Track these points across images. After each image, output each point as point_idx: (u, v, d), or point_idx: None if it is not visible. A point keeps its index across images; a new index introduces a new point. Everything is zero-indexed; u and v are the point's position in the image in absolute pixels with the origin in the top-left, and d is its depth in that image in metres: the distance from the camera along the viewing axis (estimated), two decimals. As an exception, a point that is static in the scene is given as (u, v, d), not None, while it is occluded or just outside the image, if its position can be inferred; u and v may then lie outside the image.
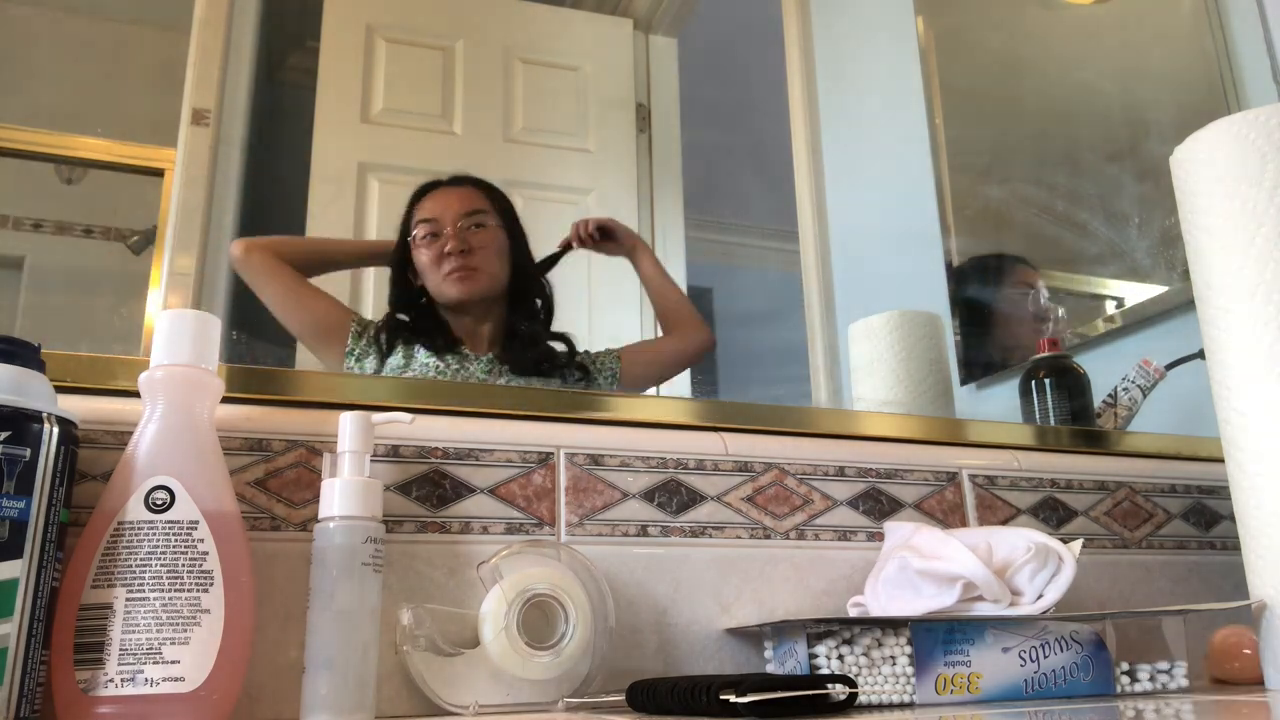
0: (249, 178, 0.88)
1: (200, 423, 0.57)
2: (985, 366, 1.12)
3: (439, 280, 0.91)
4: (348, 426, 0.63)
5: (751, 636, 0.74)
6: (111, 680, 0.51)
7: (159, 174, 0.84)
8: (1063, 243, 1.21)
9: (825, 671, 0.62)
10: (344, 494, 0.61)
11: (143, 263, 0.81)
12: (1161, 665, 0.67)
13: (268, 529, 0.65)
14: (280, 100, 0.96)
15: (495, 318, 0.92)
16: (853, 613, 0.74)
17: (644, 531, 0.74)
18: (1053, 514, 0.88)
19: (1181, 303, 1.10)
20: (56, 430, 0.52)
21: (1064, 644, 0.66)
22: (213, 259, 0.84)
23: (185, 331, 0.58)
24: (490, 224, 0.94)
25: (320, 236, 0.92)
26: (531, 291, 0.95)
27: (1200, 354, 0.79)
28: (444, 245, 0.91)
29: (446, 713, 0.62)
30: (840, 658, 0.62)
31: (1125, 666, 0.67)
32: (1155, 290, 1.21)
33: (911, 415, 0.93)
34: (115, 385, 0.65)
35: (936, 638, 0.63)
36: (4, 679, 0.48)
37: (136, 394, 0.58)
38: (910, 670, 0.62)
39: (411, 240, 0.92)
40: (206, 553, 0.54)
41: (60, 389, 0.56)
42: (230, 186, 0.87)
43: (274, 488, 0.66)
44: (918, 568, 0.68)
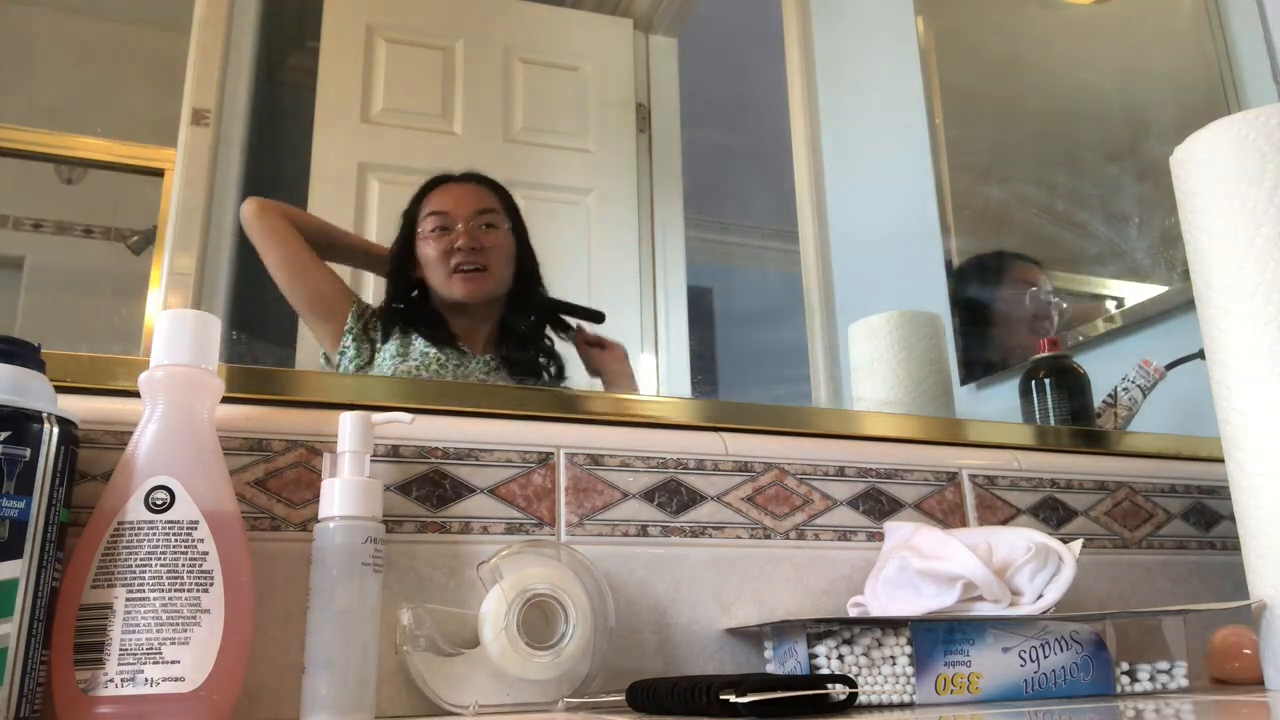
0: (249, 178, 0.88)
1: (200, 423, 0.57)
2: (986, 366, 1.11)
3: (444, 276, 0.89)
4: (348, 426, 0.63)
5: (751, 636, 0.74)
6: (111, 680, 0.51)
7: (159, 174, 0.84)
8: (1063, 243, 1.21)
9: (825, 671, 0.62)
10: (344, 494, 0.61)
11: (143, 263, 0.81)
12: (1161, 665, 0.67)
13: (268, 529, 0.65)
14: (280, 100, 0.96)
15: (494, 320, 0.91)
16: (853, 613, 0.74)
17: (644, 531, 0.74)
18: (1053, 514, 0.88)
19: (1181, 303, 1.10)
20: (56, 430, 0.52)
21: (1064, 644, 0.66)
22: (213, 259, 0.84)
23: (185, 331, 0.58)
24: (502, 226, 0.92)
25: (330, 223, 0.90)
26: (533, 298, 0.94)
27: (1200, 354, 0.79)
28: (454, 240, 0.89)
29: (446, 713, 0.62)
30: (840, 658, 0.62)
31: (1125, 666, 0.67)
32: (1155, 290, 1.21)
33: (911, 415, 0.93)
34: (115, 385, 0.65)
35: (936, 638, 0.63)
36: (4, 679, 0.48)
37: (136, 394, 0.58)
38: (910, 670, 0.62)
39: (419, 233, 0.90)
40: (206, 553, 0.54)
41: (60, 389, 0.56)
42: (230, 186, 0.87)
43: (274, 488, 0.66)
44: (918, 568, 0.68)
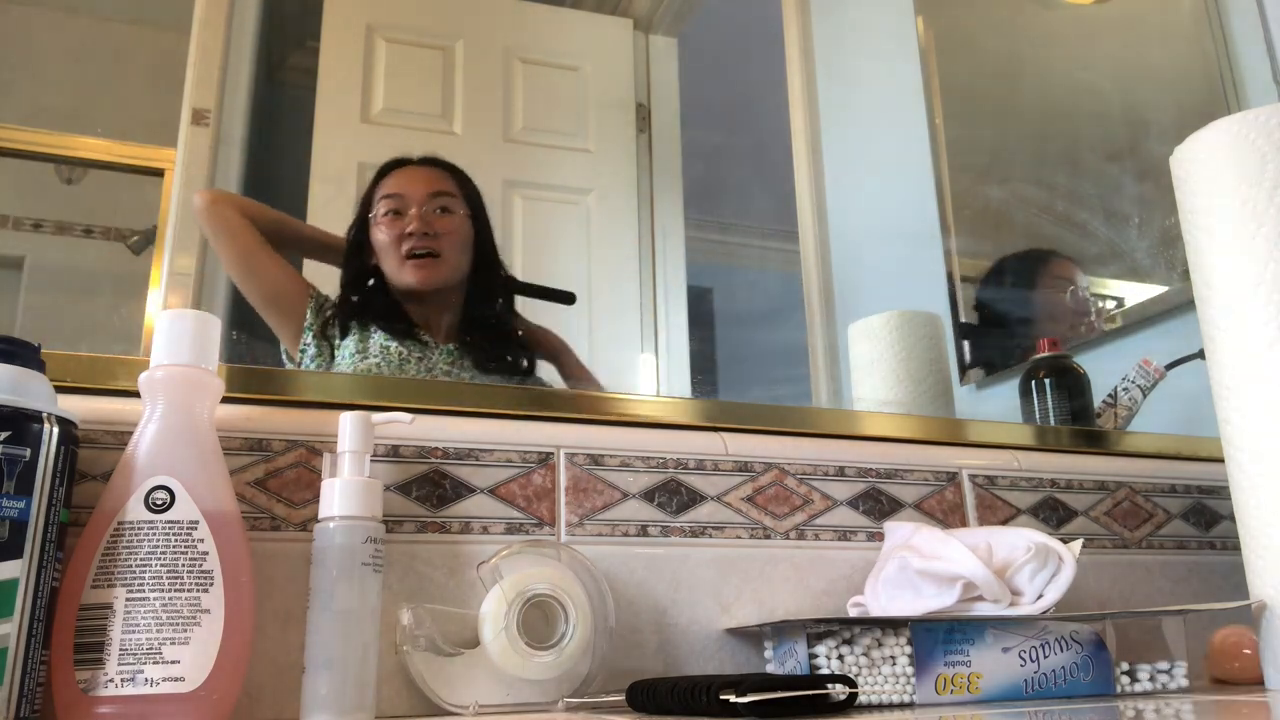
0: (249, 178, 0.88)
1: (200, 423, 0.57)
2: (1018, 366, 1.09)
3: (397, 264, 0.86)
4: (348, 426, 0.63)
5: (751, 636, 0.74)
6: (111, 680, 0.51)
7: (159, 174, 0.84)
8: (1063, 243, 1.21)
9: (825, 671, 0.62)
10: (344, 494, 0.61)
11: (143, 263, 0.81)
12: (1161, 665, 0.67)
13: (268, 529, 0.65)
14: (280, 100, 0.96)
15: (454, 309, 0.88)
16: (853, 613, 0.74)
17: (644, 531, 0.74)
18: (1053, 514, 0.88)
19: (1181, 303, 1.10)
20: (56, 430, 0.52)
21: (1064, 644, 0.66)
22: (213, 259, 0.84)
23: (185, 331, 0.58)
24: (458, 211, 0.89)
25: (286, 215, 0.87)
26: (494, 285, 0.91)
27: (1200, 354, 0.79)
28: (406, 225, 0.86)
29: (446, 713, 0.62)
30: (840, 658, 0.62)
31: (1125, 666, 0.67)
32: (1155, 290, 1.21)
33: (911, 415, 0.93)
34: (115, 385, 0.65)
35: (936, 638, 0.63)
36: (4, 679, 0.48)
37: (136, 394, 0.58)
38: (910, 670, 0.62)
39: (372, 218, 0.87)
40: (206, 553, 0.54)
41: (60, 389, 0.56)
42: (230, 186, 0.86)
43: (274, 488, 0.66)
44: (918, 568, 0.68)
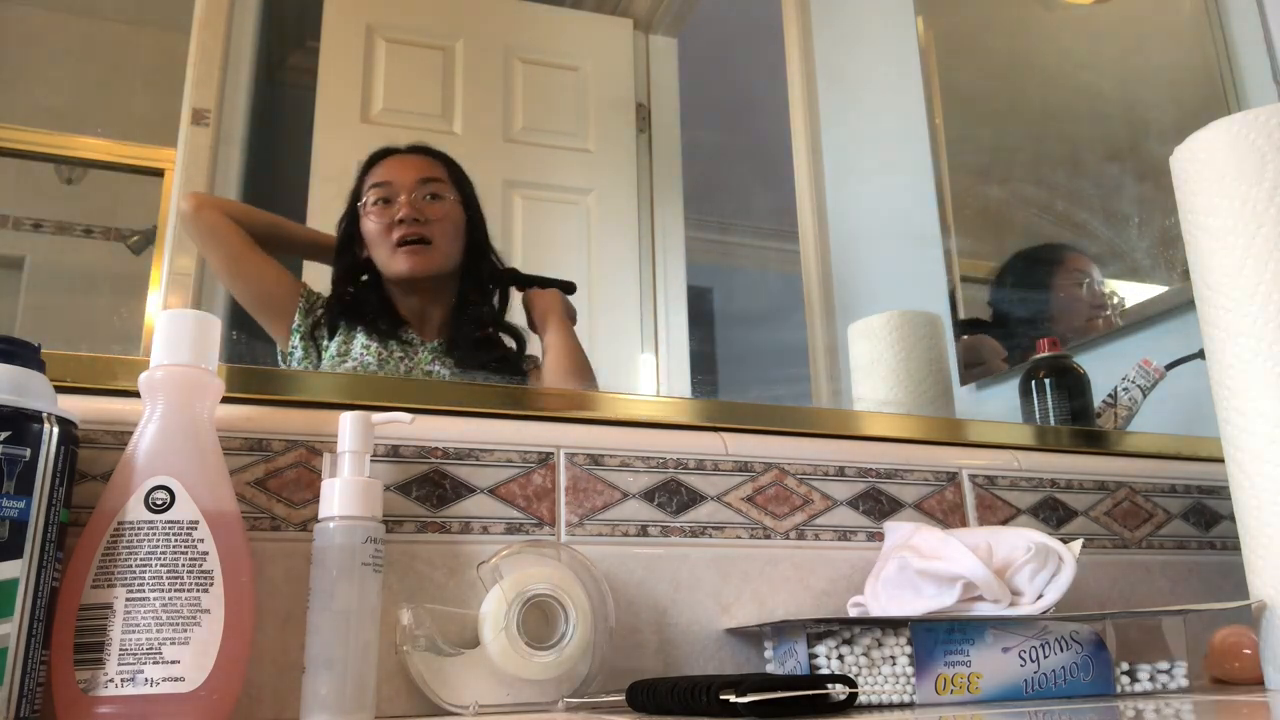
0: (249, 178, 0.88)
1: (200, 423, 0.57)
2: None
3: (388, 253, 0.85)
4: (348, 426, 0.63)
5: (751, 636, 0.74)
6: (111, 680, 0.51)
7: (159, 174, 0.84)
8: (1064, 242, 1.21)
9: (825, 671, 0.62)
10: (344, 494, 0.61)
11: (143, 263, 0.81)
12: (1161, 665, 0.67)
13: (268, 529, 0.65)
14: (280, 100, 0.96)
15: (446, 301, 0.88)
16: (853, 613, 0.74)
17: (644, 531, 0.74)
18: (1053, 514, 0.88)
19: (1181, 303, 1.10)
20: (56, 430, 0.52)
21: (1064, 644, 0.66)
22: (212, 259, 0.84)
23: (185, 331, 0.58)
24: (447, 196, 0.89)
25: (277, 216, 0.87)
26: (486, 274, 0.90)
27: (1200, 354, 0.79)
28: (396, 213, 0.85)
29: (446, 713, 0.62)
30: (840, 658, 0.62)
31: (1125, 666, 0.67)
32: (1155, 290, 1.21)
33: (911, 415, 0.93)
34: (115, 385, 0.65)
35: (936, 638, 0.63)
36: (4, 679, 0.48)
37: (136, 394, 0.58)
38: (910, 670, 0.62)
39: (361, 208, 0.86)
40: (206, 553, 0.54)
41: (60, 389, 0.56)
42: (230, 186, 0.87)
43: (274, 488, 0.66)
44: (918, 568, 0.68)
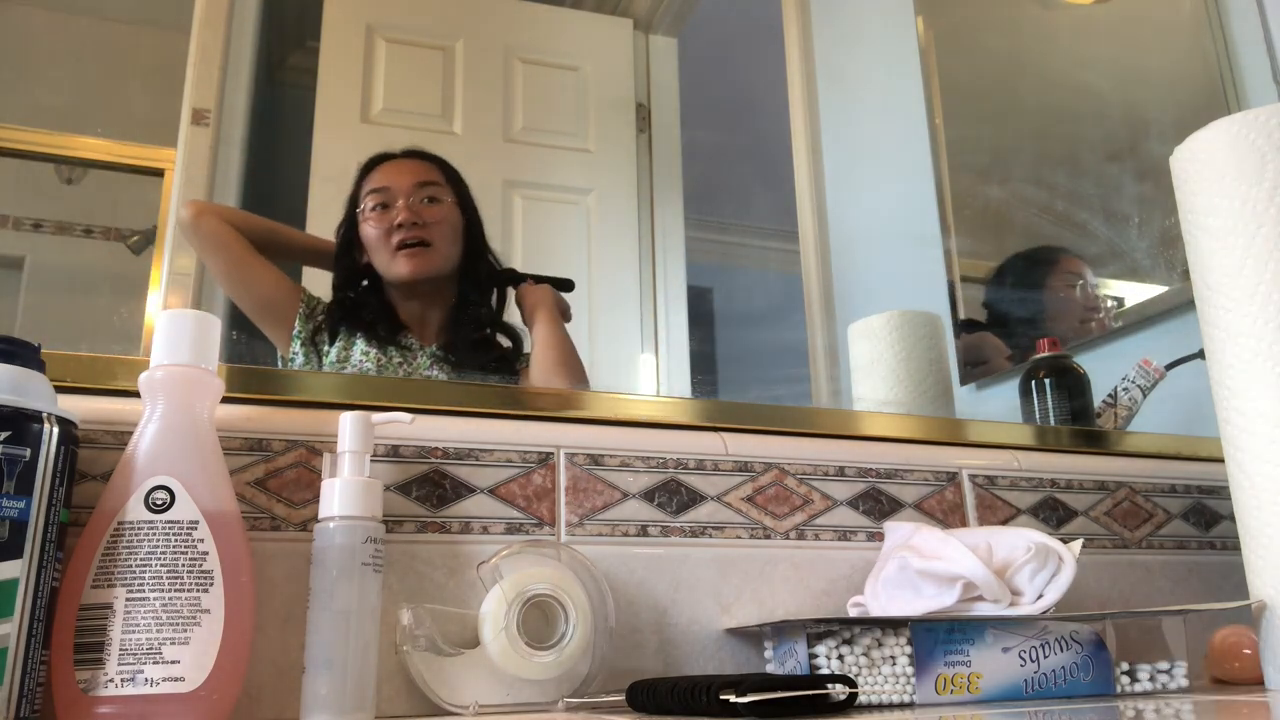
0: (249, 178, 0.88)
1: (200, 423, 0.57)
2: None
3: (388, 257, 0.86)
4: (348, 426, 0.63)
5: (751, 636, 0.74)
6: (111, 680, 0.51)
7: (159, 174, 0.84)
8: (1063, 243, 1.21)
9: (825, 671, 0.62)
10: (344, 494, 0.61)
11: (143, 263, 0.81)
12: (1161, 665, 0.67)
13: (268, 529, 0.65)
14: (280, 100, 0.96)
15: (445, 303, 0.88)
16: (853, 613, 0.74)
17: (644, 531, 0.74)
18: (1053, 514, 0.88)
19: (1181, 303, 1.10)
20: (56, 430, 0.52)
21: (1064, 644, 0.66)
22: (212, 260, 0.84)
23: (185, 331, 0.58)
24: (445, 199, 0.89)
25: (276, 222, 0.87)
26: (484, 275, 0.91)
27: (1200, 354, 0.79)
28: (395, 217, 0.86)
29: (446, 713, 0.62)
30: (840, 658, 0.62)
31: (1125, 666, 0.67)
32: (1155, 290, 1.21)
33: (911, 415, 0.93)
34: (115, 385, 0.65)
35: (936, 638, 0.63)
36: (4, 679, 0.48)
37: (136, 394, 0.58)
38: (910, 670, 0.62)
39: (360, 214, 0.87)
40: (206, 553, 0.54)
41: (60, 389, 0.56)
42: (230, 186, 0.87)
43: (274, 488, 0.66)
44: (918, 568, 0.68)
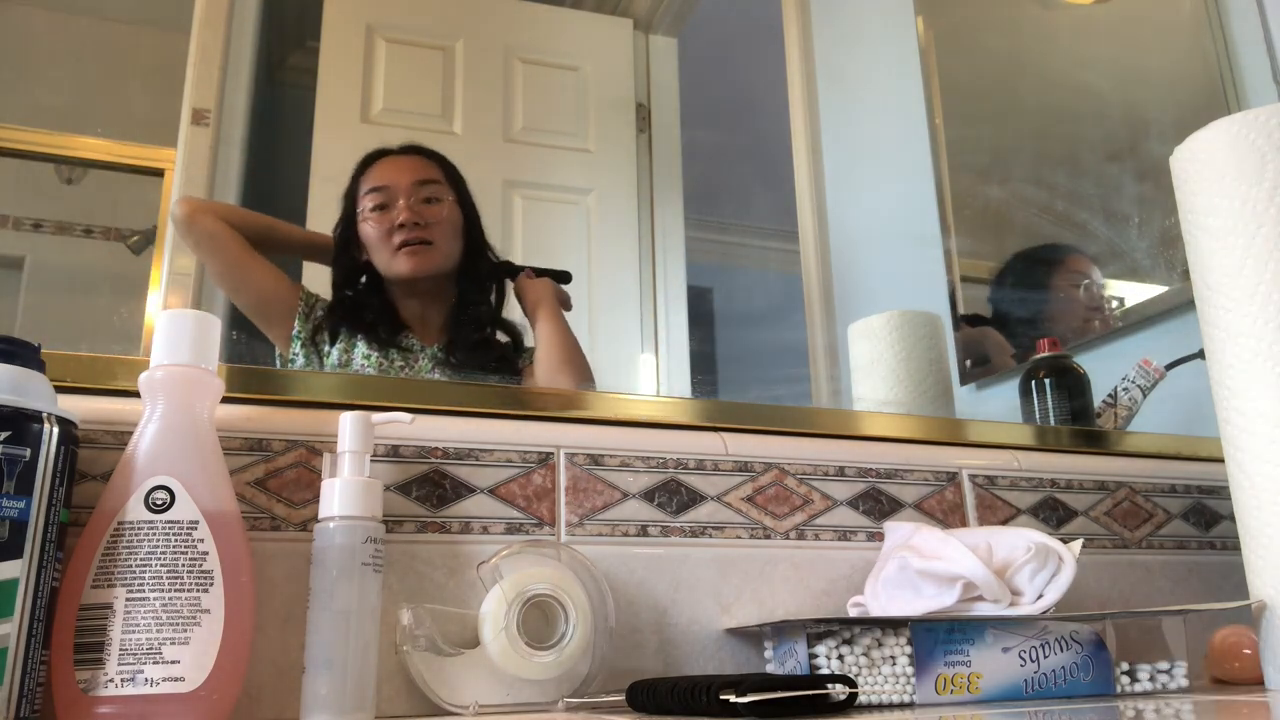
0: (249, 178, 0.88)
1: (200, 423, 0.57)
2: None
3: (389, 256, 0.86)
4: (348, 426, 0.63)
5: (751, 636, 0.74)
6: (111, 680, 0.51)
7: (159, 174, 0.84)
8: (1064, 242, 1.21)
9: (825, 671, 0.62)
10: (344, 494, 0.61)
11: (143, 263, 0.81)
12: (1161, 665, 0.67)
13: (268, 529, 0.65)
14: (280, 100, 0.96)
15: (446, 301, 0.88)
16: (853, 613, 0.74)
17: (644, 531, 0.74)
18: (1053, 514, 0.88)
19: (1181, 303, 1.10)
20: (56, 430, 0.52)
21: (1064, 644, 0.66)
22: (212, 260, 0.84)
23: (185, 331, 0.58)
24: (445, 198, 0.89)
25: (272, 218, 0.87)
26: (484, 271, 0.90)
27: (1200, 354, 0.79)
28: (396, 217, 0.86)
29: (446, 713, 0.62)
30: (840, 658, 0.62)
31: (1125, 666, 0.67)
32: (1155, 290, 1.21)
33: (911, 415, 0.93)
34: (115, 385, 0.65)
35: (936, 638, 0.63)
36: (4, 679, 0.48)
37: (136, 394, 0.58)
38: (910, 670, 0.62)
39: (359, 212, 0.86)
40: (206, 553, 0.54)
41: (60, 389, 0.56)
42: (230, 186, 0.87)
43: (274, 488, 0.66)
44: (918, 568, 0.68)
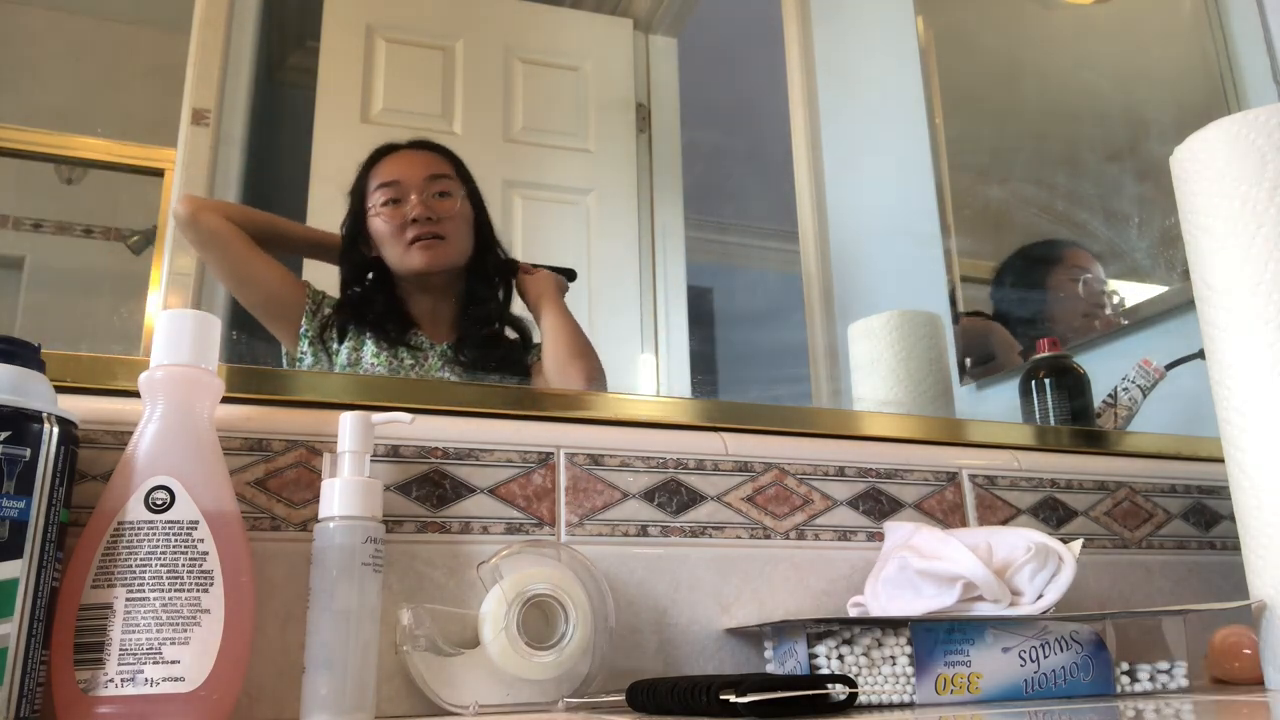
0: (249, 178, 0.88)
1: (200, 423, 0.57)
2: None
3: (402, 250, 0.85)
4: (348, 426, 0.63)
5: (751, 636, 0.74)
6: (111, 680, 0.51)
7: (159, 174, 0.84)
8: (1063, 238, 1.21)
9: (825, 671, 0.62)
10: (344, 494, 0.61)
11: (143, 263, 0.81)
12: (1161, 665, 0.67)
13: (268, 529, 0.65)
14: (280, 100, 0.96)
15: (456, 297, 0.88)
16: (853, 613, 0.74)
17: (644, 531, 0.74)
18: (1053, 514, 0.88)
19: (1181, 303, 1.10)
20: (56, 430, 0.52)
21: (1064, 644, 0.66)
22: (212, 259, 0.84)
23: (185, 331, 0.58)
24: (457, 192, 0.88)
25: (275, 216, 0.86)
26: (493, 267, 0.90)
27: (1200, 354, 0.79)
28: (409, 212, 0.85)
29: (446, 713, 0.62)
30: (840, 658, 0.62)
31: (1125, 666, 0.67)
32: (1155, 290, 1.21)
33: (911, 415, 0.93)
34: (115, 385, 0.65)
35: (936, 638, 0.63)
36: (4, 679, 0.48)
37: (136, 394, 0.58)
38: (910, 670, 0.62)
39: (370, 209, 0.86)
40: (206, 553, 0.54)
41: (60, 389, 0.56)
42: (230, 186, 0.86)
43: (274, 488, 0.66)
44: (918, 568, 0.68)
